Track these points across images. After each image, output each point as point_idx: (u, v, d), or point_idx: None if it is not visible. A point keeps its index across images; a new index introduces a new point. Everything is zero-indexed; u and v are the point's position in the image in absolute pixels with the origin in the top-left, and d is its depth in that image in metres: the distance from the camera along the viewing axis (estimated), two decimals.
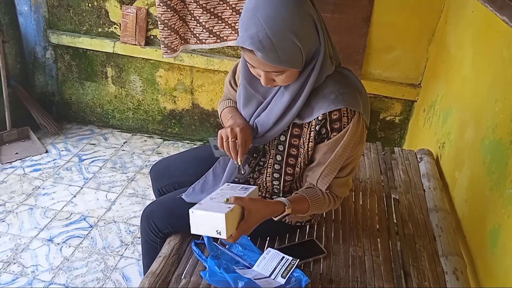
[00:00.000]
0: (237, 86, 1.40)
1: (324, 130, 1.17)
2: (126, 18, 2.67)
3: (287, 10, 1.01)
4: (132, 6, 2.65)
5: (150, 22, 2.69)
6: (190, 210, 1.03)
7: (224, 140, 1.20)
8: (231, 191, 1.17)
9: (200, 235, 1.31)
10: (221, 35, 2.30)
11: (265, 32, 1.01)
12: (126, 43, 2.73)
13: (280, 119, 1.20)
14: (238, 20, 2.29)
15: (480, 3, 1.71)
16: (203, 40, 2.29)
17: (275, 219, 1.19)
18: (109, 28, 2.78)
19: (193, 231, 1.04)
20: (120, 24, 2.72)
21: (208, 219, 1.02)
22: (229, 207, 1.03)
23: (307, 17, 1.05)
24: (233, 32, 2.31)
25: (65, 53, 2.90)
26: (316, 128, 1.17)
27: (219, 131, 1.23)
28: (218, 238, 1.29)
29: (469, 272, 1.38)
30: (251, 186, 1.21)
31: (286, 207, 1.16)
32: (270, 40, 1.02)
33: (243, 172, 1.29)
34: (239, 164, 1.21)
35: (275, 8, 1.01)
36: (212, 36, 2.29)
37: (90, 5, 2.72)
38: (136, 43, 2.71)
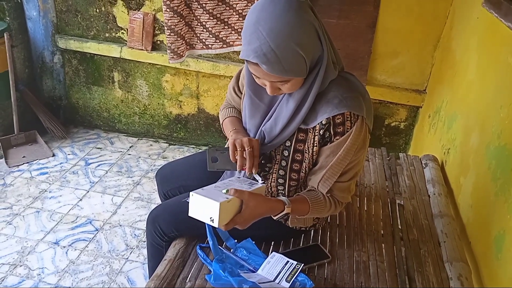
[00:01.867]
0: (241, 93, 1.41)
1: (328, 133, 1.18)
2: (133, 23, 2.70)
3: (289, 22, 1.02)
4: (139, 12, 2.68)
5: (157, 28, 2.71)
6: (191, 193, 1.07)
7: (239, 149, 1.20)
8: (237, 183, 1.18)
9: (206, 239, 1.32)
10: (227, 40, 2.32)
11: (268, 45, 1.02)
12: (133, 48, 2.76)
13: (287, 126, 1.21)
14: None
15: (485, 9, 1.72)
16: (210, 45, 2.31)
17: (275, 218, 1.20)
18: (116, 33, 2.80)
19: (190, 213, 1.08)
20: (127, 30, 2.75)
21: (205, 205, 1.05)
22: (227, 198, 1.05)
23: (309, 26, 1.06)
24: (239, 38, 2.33)
25: (72, 58, 2.93)
26: (320, 132, 1.18)
27: (231, 141, 1.22)
28: (223, 242, 1.31)
29: (474, 278, 1.38)
30: (259, 183, 1.21)
31: (285, 206, 1.17)
32: (274, 53, 1.03)
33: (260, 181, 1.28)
34: (254, 174, 1.22)
35: (276, 20, 1.02)
36: (218, 41, 2.30)
37: (98, 10, 2.76)
38: (143, 48, 2.74)
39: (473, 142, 1.67)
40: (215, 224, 1.05)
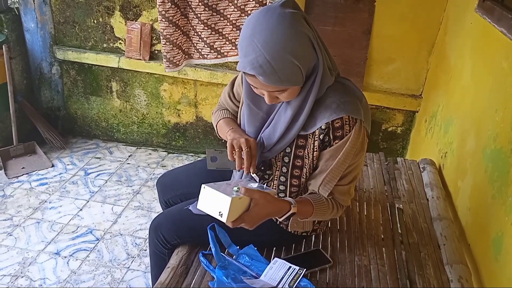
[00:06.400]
0: (236, 101, 1.43)
1: (327, 138, 1.20)
2: (131, 33, 2.72)
3: (283, 33, 1.05)
4: (136, 22, 2.71)
5: (155, 37, 2.73)
6: (202, 186, 1.07)
7: (236, 149, 1.22)
8: (248, 185, 1.19)
9: (208, 246, 1.33)
10: (221, 51, 2.32)
11: (264, 57, 1.05)
12: (131, 58, 2.78)
13: (286, 133, 1.23)
14: (238, 36, 2.31)
15: (478, 15, 1.75)
16: (205, 55, 2.32)
17: (281, 219, 1.21)
18: (114, 43, 2.82)
19: (199, 206, 1.09)
20: (125, 40, 2.77)
21: (215, 199, 1.06)
22: (239, 195, 1.07)
23: (303, 37, 1.09)
24: (233, 48, 2.33)
25: (70, 69, 2.95)
26: (320, 137, 1.20)
27: (229, 141, 1.25)
28: (226, 249, 1.32)
29: (474, 279, 1.39)
30: (268, 188, 1.24)
31: (292, 206, 1.19)
32: (270, 64, 1.05)
33: (258, 180, 1.30)
34: (252, 174, 1.24)
35: (271, 32, 1.04)
36: (213, 51, 2.31)
37: (95, 21, 2.78)
38: (141, 58, 2.76)
39: (469, 145, 1.69)
40: (223, 219, 1.05)
